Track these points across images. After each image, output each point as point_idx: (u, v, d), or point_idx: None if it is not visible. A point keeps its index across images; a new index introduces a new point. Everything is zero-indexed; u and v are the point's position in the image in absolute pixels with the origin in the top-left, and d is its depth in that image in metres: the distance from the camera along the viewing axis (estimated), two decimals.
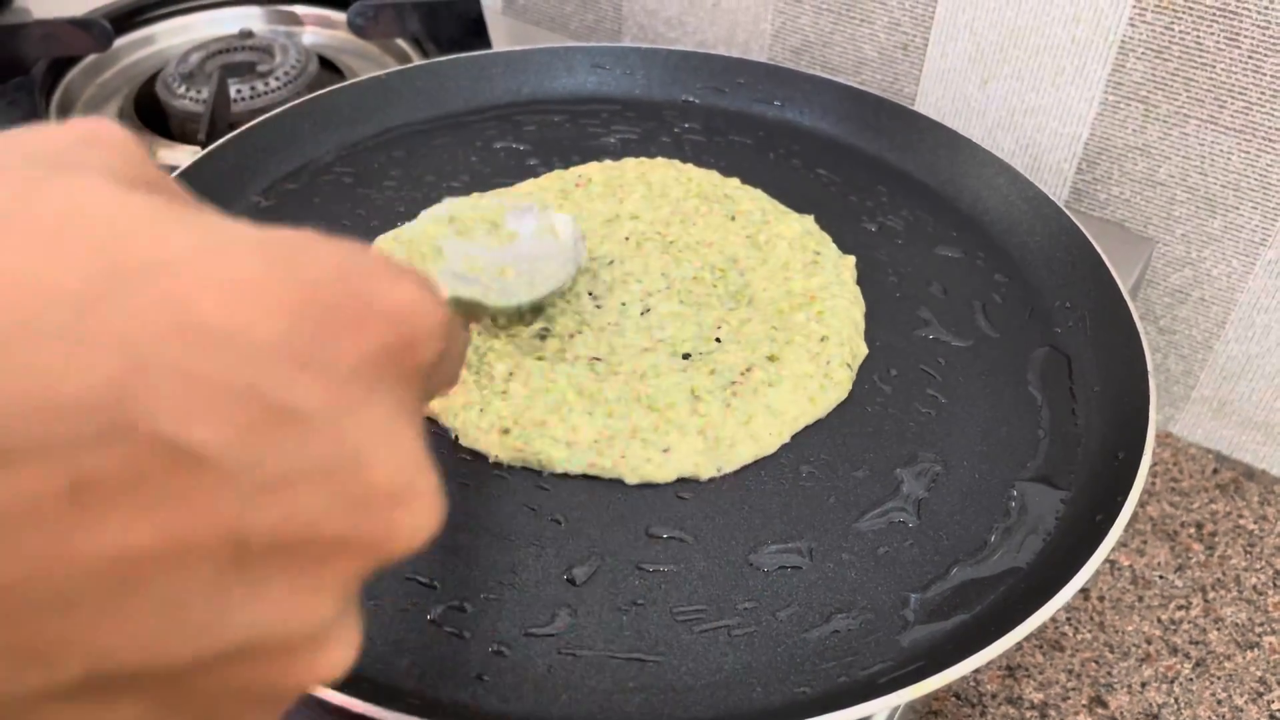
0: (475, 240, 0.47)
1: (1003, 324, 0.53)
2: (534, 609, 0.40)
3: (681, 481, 0.44)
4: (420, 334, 0.19)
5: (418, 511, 0.19)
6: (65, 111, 0.72)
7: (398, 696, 0.36)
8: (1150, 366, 0.46)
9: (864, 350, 0.50)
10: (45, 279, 0.15)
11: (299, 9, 0.83)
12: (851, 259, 0.54)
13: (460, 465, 0.45)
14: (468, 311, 0.43)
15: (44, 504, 0.15)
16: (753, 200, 0.58)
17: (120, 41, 0.77)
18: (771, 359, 0.48)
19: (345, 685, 0.35)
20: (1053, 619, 0.57)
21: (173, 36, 0.80)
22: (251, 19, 0.82)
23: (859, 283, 0.54)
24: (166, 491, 0.16)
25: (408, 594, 0.40)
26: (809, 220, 0.57)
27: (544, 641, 0.39)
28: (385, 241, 0.53)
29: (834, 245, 0.55)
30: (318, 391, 0.17)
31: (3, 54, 0.71)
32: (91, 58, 0.76)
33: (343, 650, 0.19)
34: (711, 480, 0.44)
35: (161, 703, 0.18)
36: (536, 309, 0.50)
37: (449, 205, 0.48)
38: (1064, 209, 0.55)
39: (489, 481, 0.44)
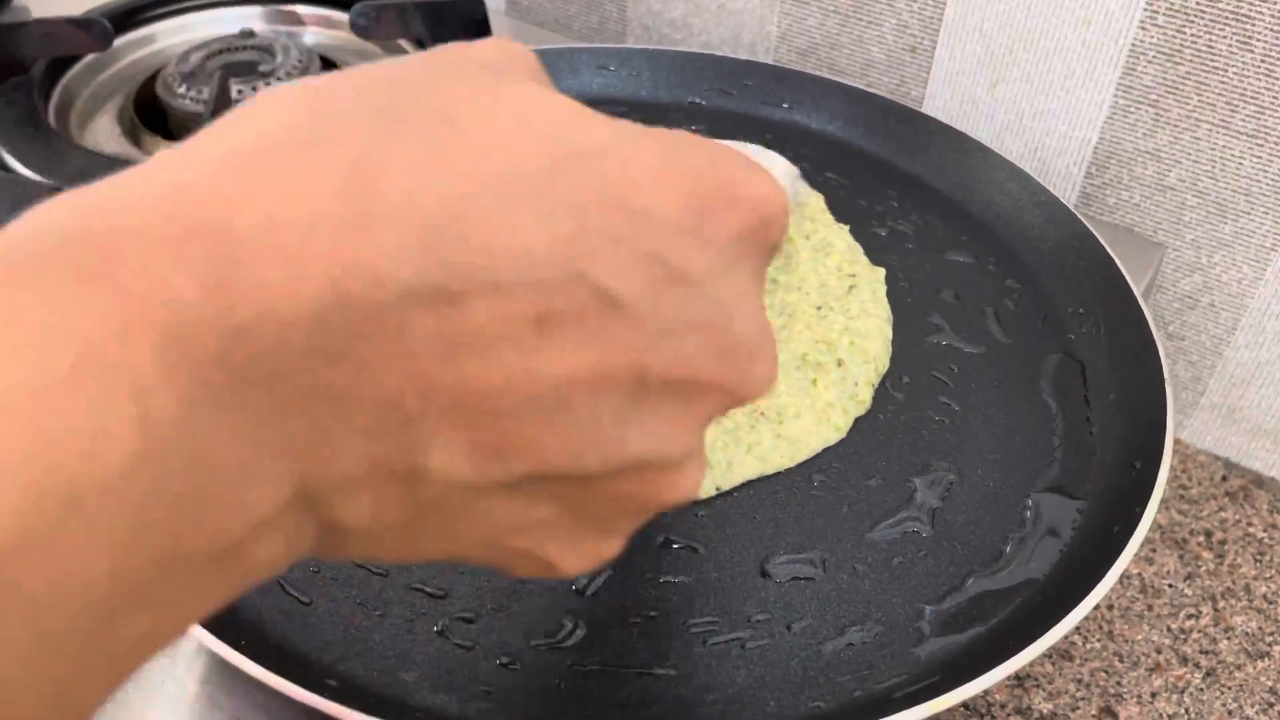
0: None
1: (1015, 330, 0.52)
2: (543, 621, 0.39)
3: None
4: (773, 217, 0.23)
5: (765, 367, 0.24)
6: (64, 112, 0.72)
7: (404, 709, 0.36)
8: (1167, 374, 0.46)
9: (887, 364, 0.50)
10: (517, 158, 0.20)
11: (301, 9, 0.82)
12: (882, 271, 0.54)
13: None
14: None
15: (519, 328, 0.19)
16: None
17: (120, 41, 0.76)
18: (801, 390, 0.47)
19: (351, 697, 0.34)
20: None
21: (173, 36, 0.80)
22: (253, 19, 0.81)
23: None
24: (599, 330, 0.20)
25: (415, 604, 0.39)
26: (845, 232, 0.56)
27: (553, 654, 0.38)
28: None
29: (865, 258, 0.55)
30: (702, 259, 0.22)
31: (2, 53, 0.70)
32: (91, 57, 0.75)
33: (695, 476, 0.24)
34: (722, 491, 0.44)
35: (569, 504, 0.22)
36: None
37: None
38: (1076, 213, 0.55)
39: None
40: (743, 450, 0.44)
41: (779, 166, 0.52)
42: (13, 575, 0.15)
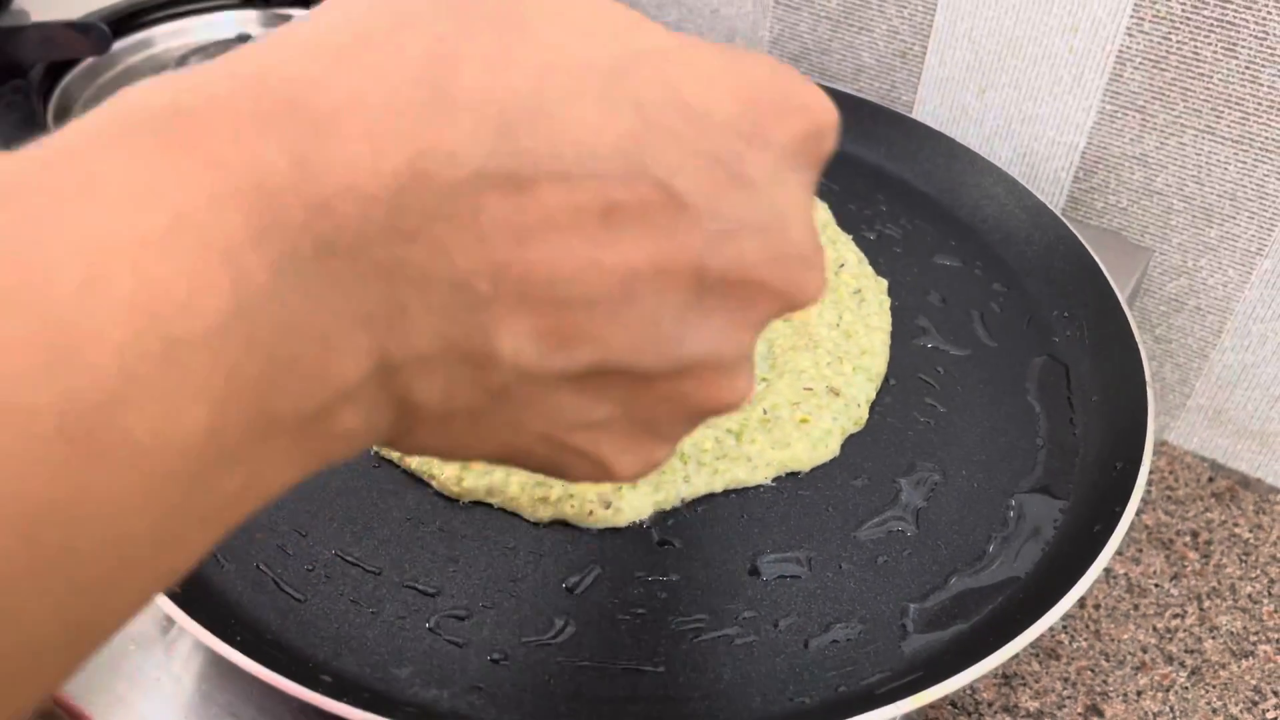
0: None
1: (1001, 333, 0.53)
2: (533, 618, 0.39)
3: None
4: (827, 127, 0.24)
5: (817, 275, 0.24)
6: (63, 115, 0.72)
7: (396, 705, 0.36)
8: (1149, 376, 0.46)
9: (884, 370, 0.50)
10: (585, 56, 0.20)
11: (296, 13, 0.83)
12: (885, 283, 0.54)
13: None
14: None
15: (586, 218, 0.20)
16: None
17: (118, 44, 0.77)
18: (804, 421, 0.47)
19: (345, 693, 0.35)
20: (1049, 627, 0.57)
21: (171, 40, 0.80)
22: (249, 23, 0.82)
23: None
24: (660, 225, 0.21)
25: (406, 602, 0.40)
26: (851, 244, 0.56)
27: (543, 650, 0.39)
28: None
29: (870, 268, 0.55)
30: (759, 162, 0.22)
31: (1, 56, 0.71)
32: (90, 60, 0.76)
33: (747, 382, 0.24)
34: (713, 493, 0.44)
35: (627, 404, 0.23)
36: None
37: None
38: (1062, 218, 0.56)
39: None
40: (742, 462, 0.45)
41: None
42: (114, 417, 0.16)
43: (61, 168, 0.17)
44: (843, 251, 0.55)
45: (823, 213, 0.59)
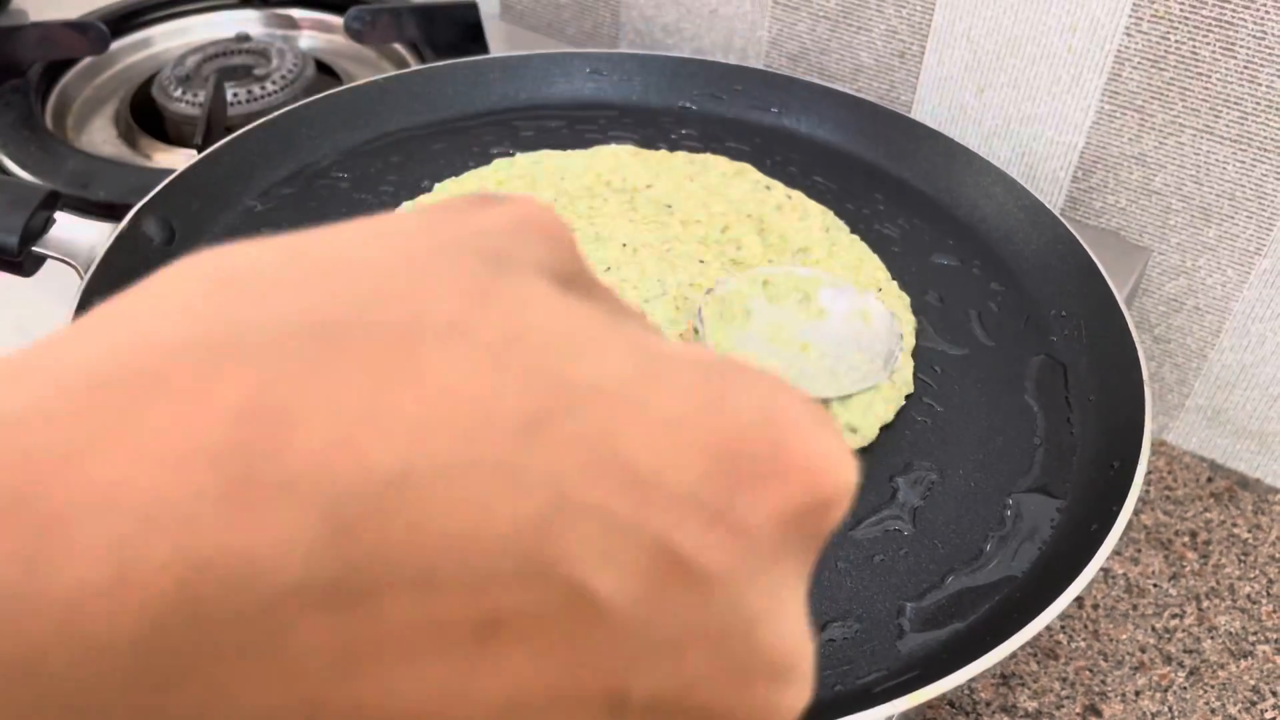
0: (785, 308, 0.46)
1: (999, 332, 0.53)
2: None
3: None
4: (836, 496, 0.17)
5: (795, 692, 0.17)
6: (61, 115, 0.72)
7: None
8: (1146, 376, 0.46)
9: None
10: (487, 403, 0.14)
11: (296, 13, 0.83)
12: (907, 300, 0.54)
13: None
14: None
15: (452, 635, 0.14)
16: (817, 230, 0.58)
17: (117, 44, 0.77)
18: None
19: None
20: (1047, 627, 0.57)
21: (169, 40, 0.80)
22: (249, 22, 0.82)
23: None
24: (565, 640, 0.15)
25: None
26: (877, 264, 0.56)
27: None
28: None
29: (895, 284, 0.55)
30: (725, 551, 0.16)
31: None
32: (88, 60, 0.76)
33: None
34: None
35: None
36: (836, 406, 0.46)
37: (765, 270, 0.47)
38: (1060, 218, 0.56)
39: None
40: None
41: (880, 320, 0.48)
42: None
43: None
44: (874, 273, 0.55)
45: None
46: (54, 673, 0.13)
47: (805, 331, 0.46)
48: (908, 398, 0.49)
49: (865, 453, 0.46)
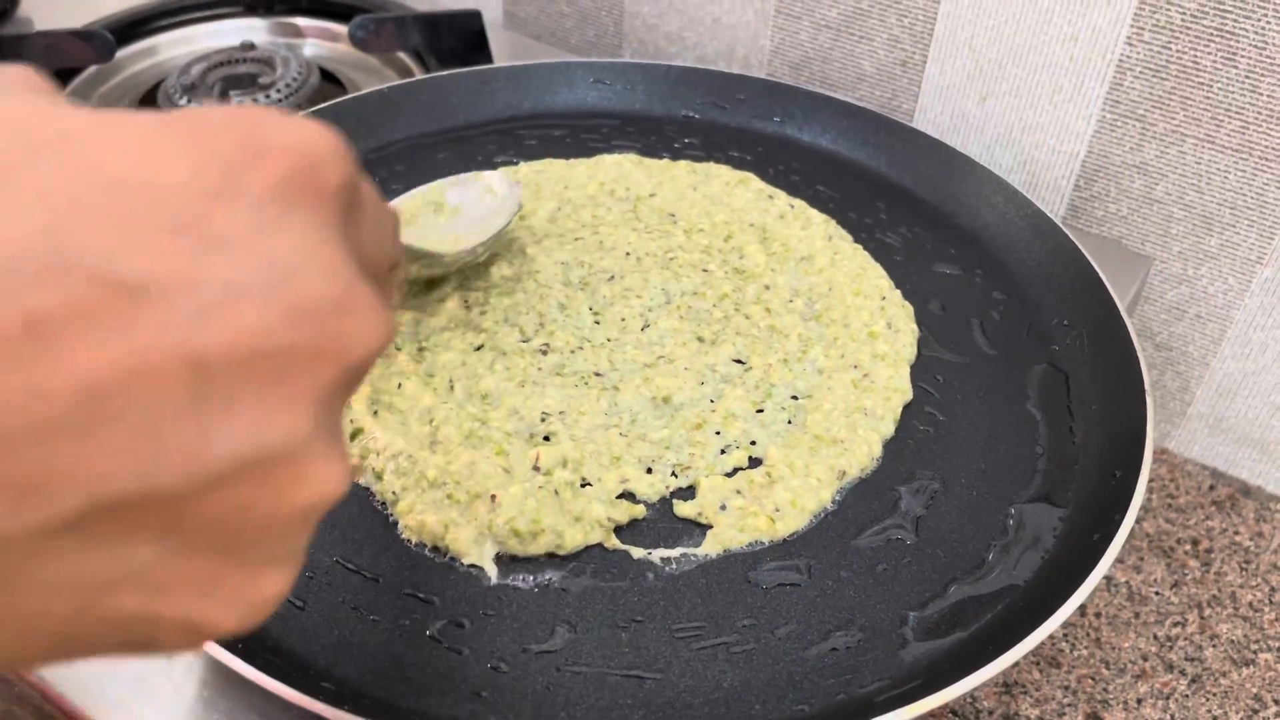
0: (423, 225, 0.51)
1: (1001, 341, 0.53)
2: (532, 625, 0.40)
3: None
4: (319, 158, 0.21)
5: (361, 319, 0.20)
6: None
7: (396, 713, 0.37)
8: (1148, 385, 0.46)
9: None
10: None
11: (301, 21, 0.83)
12: (911, 309, 0.54)
13: None
14: (430, 267, 0.49)
15: (3, 338, 0.16)
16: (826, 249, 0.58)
17: (122, 53, 0.77)
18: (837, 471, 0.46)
19: (345, 700, 0.35)
20: (1049, 635, 0.57)
21: (175, 48, 0.81)
22: (254, 31, 0.82)
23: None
24: (116, 322, 0.17)
25: (407, 610, 0.40)
26: (881, 275, 0.56)
27: (542, 658, 0.39)
28: None
29: (898, 292, 0.55)
30: (236, 216, 0.19)
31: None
32: (93, 69, 0.76)
33: (330, 469, 0.20)
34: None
35: (172, 537, 0.19)
36: (489, 257, 0.54)
37: (392, 202, 0.50)
38: (1062, 226, 0.56)
39: None
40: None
41: (501, 185, 0.55)
42: None
43: None
44: (876, 280, 0.55)
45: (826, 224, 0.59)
46: None
47: (452, 229, 0.52)
48: (909, 406, 0.49)
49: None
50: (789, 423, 0.47)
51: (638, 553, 0.42)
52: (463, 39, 0.77)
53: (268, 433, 0.19)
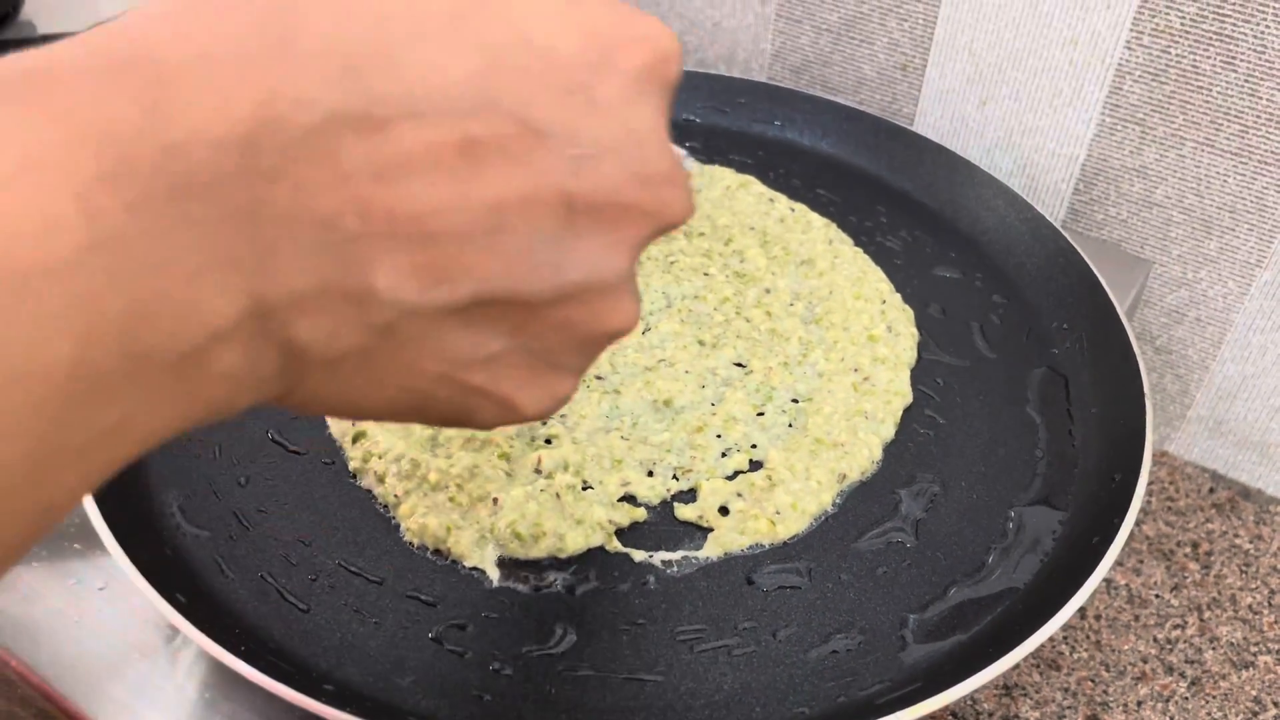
0: None
1: (1000, 345, 0.53)
2: (534, 628, 0.40)
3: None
4: (670, 53, 0.25)
5: (681, 192, 0.25)
6: None
7: (398, 714, 0.37)
8: (1147, 389, 0.46)
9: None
10: (423, 3, 0.21)
11: None
12: (911, 313, 0.54)
13: None
14: None
15: (445, 154, 0.21)
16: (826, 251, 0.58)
17: None
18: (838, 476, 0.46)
19: (347, 702, 0.35)
20: (1049, 638, 0.57)
21: None
22: None
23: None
24: (521, 155, 0.21)
25: (408, 612, 0.40)
26: (880, 279, 0.56)
27: (544, 660, 0.39)
28: None
29: (898, 296, 0.55)
30: (609, 89, 0.23)
31: None
32: None
33: (633, 305, 0.25)
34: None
35: (518, 337, 0.24)
36: None
37: None
38: (1061, 230, 0.56)
39: None
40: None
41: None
42: None
43: None
44: (871, 278, 0.56)
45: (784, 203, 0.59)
46: (191, 158, 0.19)
47: None
48: (909, 410, 0.49)
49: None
50: (789, 426, 0.47)
51: (639, 555, 0.42)
52: None
53: (602, 268, 0.24)
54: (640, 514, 0.44)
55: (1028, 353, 0.53)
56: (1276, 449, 0.67)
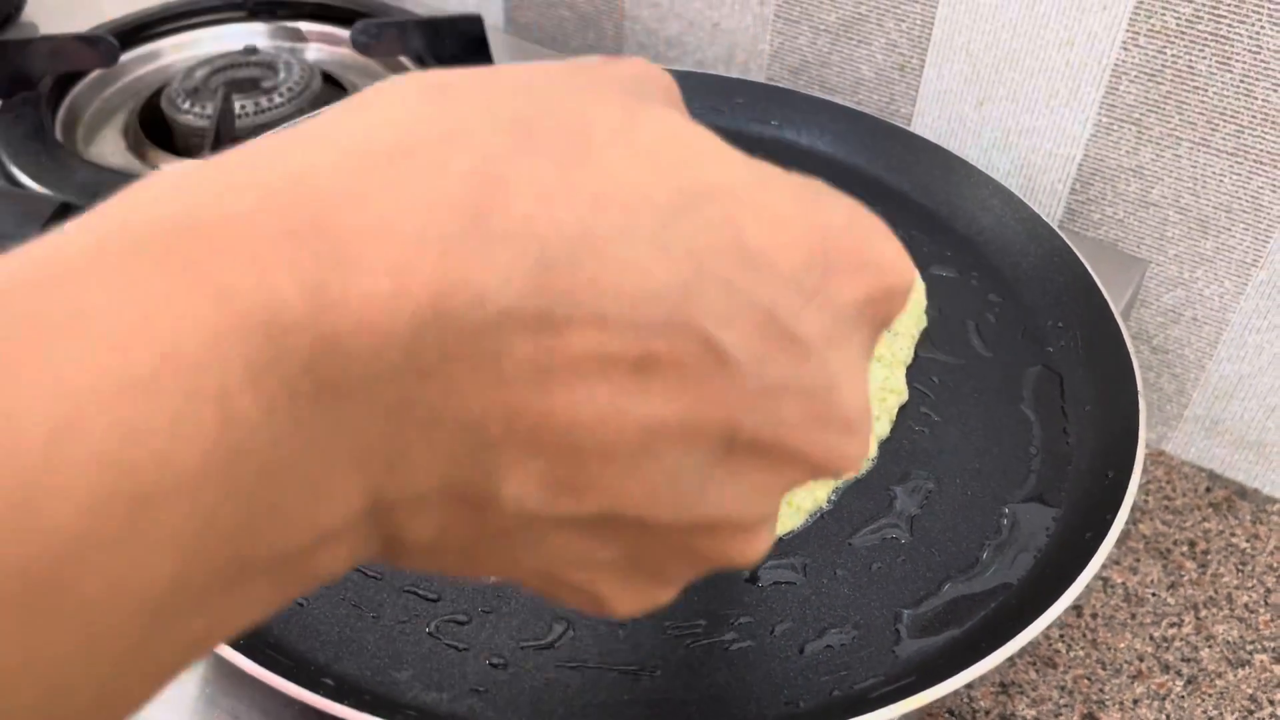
0: None
1: (996, 343, 0.53)
2: (531, 622, 0.40)
3: None
4: (897, 289, 0.22)
5: (859, 445, 0.22)
6: (71, 126, 0.73)
7: (397, 707, 0.37)
8: (1140, 387, 0.47)
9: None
10: (644, 190, 0.19)
11: (303, 26, 0.84)
12: (910, 313, 0.54)
13: None
14: None
15: (617, 367, 0.18)
16: None
17: (126, 57, 0.78)
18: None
19: (346, 696, 0.35)
20: (1045, 636, 0.57)
21: (178, 52, 0.81)
22: (256, 35, 0.83)
23: None
24: (697, 380, 0.19)
25: (407, 606, 0.40)
26: None
27: (541, 654, 0.39)
28: None
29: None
30: (817, 322, 0.21)
31: (10, 69, 0.72)
32: (97, 73, 0.77)
33: (763, 543, 0.23)
34: None
35: (633, 548, 0.21)
36: None
37: None
38: (1057, 230, 0.56)
39: None
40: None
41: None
42: (68, 577, 0.14)
43: (50, 293, 0.15)
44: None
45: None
46: (350, 353, 0.16)
47: None
48: (905, 407, 0.49)
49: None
50: None
51: None
52: (464, 43, 0.77)
53: (746, 508, 0.22)
54: None
55: (1023, 351, 0.53)
56: (1273, 448, 0.67)
